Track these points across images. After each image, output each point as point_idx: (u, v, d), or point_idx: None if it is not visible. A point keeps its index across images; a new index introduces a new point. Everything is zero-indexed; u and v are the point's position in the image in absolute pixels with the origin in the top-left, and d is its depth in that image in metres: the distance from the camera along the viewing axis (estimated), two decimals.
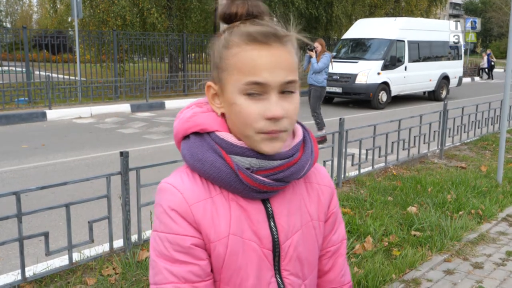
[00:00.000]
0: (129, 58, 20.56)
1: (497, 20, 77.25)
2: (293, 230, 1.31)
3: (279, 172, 1.23)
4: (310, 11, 25.94)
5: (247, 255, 1.24)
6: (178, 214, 1.20)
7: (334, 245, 1.47)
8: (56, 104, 15.24)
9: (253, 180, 1.20)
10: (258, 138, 1.18)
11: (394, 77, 18.02)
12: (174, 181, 1.24)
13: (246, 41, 1.16)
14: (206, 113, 1.27)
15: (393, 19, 19.70)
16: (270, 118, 1.16)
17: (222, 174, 1.20)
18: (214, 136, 1.23)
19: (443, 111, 9.15)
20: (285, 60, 1.18)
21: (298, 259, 1.32)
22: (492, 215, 5.99)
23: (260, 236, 1.25)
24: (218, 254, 1.22)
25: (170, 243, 1.20)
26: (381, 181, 7.25)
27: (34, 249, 5.04)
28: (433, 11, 35.74)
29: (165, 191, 1.24)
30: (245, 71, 1.16)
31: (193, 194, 1.22)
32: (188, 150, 1.24)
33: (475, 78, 33.54)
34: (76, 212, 5.42)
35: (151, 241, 1.25)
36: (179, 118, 1.31)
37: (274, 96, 1.17)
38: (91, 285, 4.10)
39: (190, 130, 1.26)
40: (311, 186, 1.40)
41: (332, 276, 1.49)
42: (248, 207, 1.25)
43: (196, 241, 1.21)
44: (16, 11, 73.35)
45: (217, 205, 1.23)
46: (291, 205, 1.32)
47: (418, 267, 4.61)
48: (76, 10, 16.75)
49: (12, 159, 8.98)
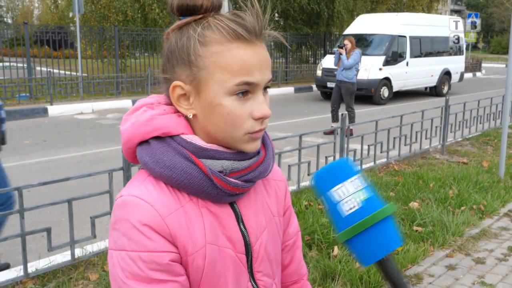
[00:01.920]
0: (131, 54, 20.57)
1: (499, 15, 77.13)
2: (260, 229, 1.27)
3: (249, 173, 1.18)
4: (311, 6, 25.92)
5: (224, 262, 1.18)
6: (151, 229, 1.08)
7: (291, 238, 1.44)
8: (57, 100, 15.25)
9: (227, 184, 1.14)
10: (246, 139, 1.14)
11: (395, 72, 17.99)
12: (139, 192, 1.11)
13: (229, 38, 1.10)
14: (166, 115, 1.16)
15: (394, 15, 19.65)
16: (259, 118, 1.13)
17: (194, 180, 1.11)
18: (179, 140, 1.14)
19: (444, 107, 9.14)
20: (266, 57, 1.14)
21: (268, 258, 1.29)
22: (494, 211, 5.99)
23: (233, 241, 1.20)
24: (197, 267, 1.14)
25: (144, 262, 1.07)
26: (383, 177, 7.25)
27: (37, 245, 5.06)
28: (435, 6, 35.66)
29: (131, 205, 1.10)
30: (233, 71, 1.09)
31: (164, 205, 1.11)
32: (151, 157, 1.13)
33: (477, 73, 33.48)
34: (78, 208, 5.42)
35: (116, 261, 1.10)
36: (130, 121, 1.18)
37: (260, 95, 1.13)
38: (93, 281, 4.11)
39: (150, 134, 1.14)
40: (268, 182, 1.36)
41: (293, 269, 1.47)
42: (218, 212, 1.18)
43: (174, 256, 1.10)
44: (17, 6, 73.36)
45: (189, 214, 1.14)
46: (256, 205, 1.28)
47: (420, 262, 4.61)
48: (77, 6, 16.75)
49: (13, 155, 8.99)
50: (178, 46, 1.14)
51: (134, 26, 19.91)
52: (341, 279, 4.19)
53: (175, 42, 1.15)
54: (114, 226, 1.12)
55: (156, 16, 20.33)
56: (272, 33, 1.17)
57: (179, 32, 1.15)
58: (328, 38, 27.41)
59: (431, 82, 20.17)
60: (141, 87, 17.84)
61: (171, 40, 1.16)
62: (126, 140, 1.18)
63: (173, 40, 1.15)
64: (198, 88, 1.13)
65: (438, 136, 9.19)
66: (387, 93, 17.69)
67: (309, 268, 4.35)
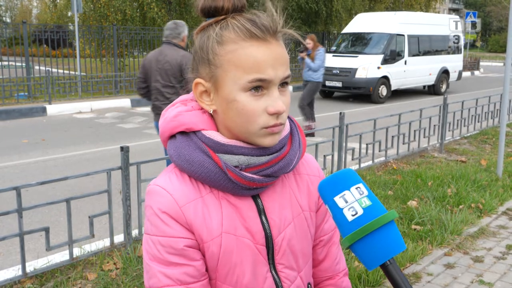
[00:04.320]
0: (129, 53, 20.54)
1: (497, 14, 77.13)
2: (285, 223, 1.30)
3: (267, 168, 1.22)
4: (310, 5, 25.92)
5: (242, 252, 1.24)
6: (169, 216, 1.19)
7: (326, 234, 1.45)
8: (56, 99, 15.23)
9: (242, 178, 1.19)
10: (262, 133, 1.18)
11: (394, 71, 18.00)
12: (163, 182, 1.23)
13: (243, 37, 1.15)
14: (191, 111, 1.24)
15: (393, 13, 19.65)
16: (273, 113, 1.16)
17: (211, 174, 1.19)
18: (200, 135, 1.21)
19: (443, 105, 9.15)
20: (282, 55, 1.18)
21: (291, 252, 1.31)
22: (492, 209, 6.00)
23: (252, 232, 1.25)
24: (212, 253, 1.22)
25: (162, 246, 1.19)
26: (381, 175, 7.26)
27: (35, 244, 5.05)
28: (433, 5, 35.66)
29: (154, 193, 1.22)
30: (246, 68, 1.14)
31: (183, 195, 1.20)
32: (175, 151, 1.23)
33: (475, 72, 33.50)
34: (76, 207, 5.42)
35: (144, 244, 1.24)
36: (164, 117, 1.28)
37: (275, 91, 1.17)
38: (91, 280, 4.10)
39: (175, 129, 1.24)
40: (300, 177, 1.39)
41: (327, 264, 1.48)
42: (239, 204, 1.24)
43: (189, 242, 1.20)
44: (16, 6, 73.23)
45: (208, 204, 1.22)
46: (282, 198, 1.31)
47: (418, 261, 4.62)
48: (76, 5, 16.72)
49: (12, 154, 8.99)
50: (200, 46, 1.22)
51: (133, 25, 19.90)
52: None
53: (198, 43, 1.22)
54: (145, 212, 1.25)
55: (155, 15, 20.31)
56: (288, 31, 1.22)
57: (202, 33, 1.22)
58: (327, 37, 27.43)
59: (430, 81, 20.18)
60: None
61: (196, 41, 1.24)
62: (160, 134, 1.29)
63: (197, 41, 1.23)
64: (216, 85, 1.19)
65: (436, 134, 9.20)
66: (386, 91, 17.70)
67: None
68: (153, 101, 5.72)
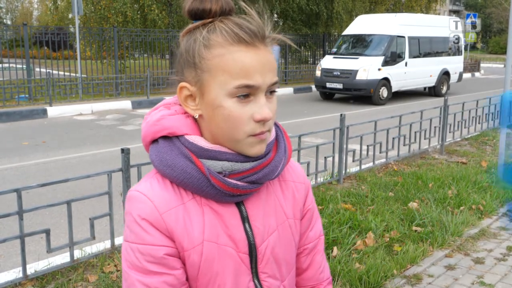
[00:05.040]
0: (130, 55, 20.55)
1: (497, 15, 77.08)
2: (268, 231, 1.27)
3: (252, 174, 1.19)
4: (310, 7, 25.92)
5: (223, 260, 1.20)
6: (149, 223, 1.15)
7: (311, 241, 1.43)
8: (56, 101, 15.23)
9: (225, 185, 1.16)
10: (249, 141, 1.15)
11: (394, 73, 18.00)
12: (143, 188, 1.19)
13: (231, 41, 1.12)
14: (175, 115, 1.21)
15: (393, 15, 19.65)
16: (259, 120, 1.14)
17: (193, 180, 1.15)
18: (183, 140, 1.18)
19: (443, 107, 9.14)
20: (270, 61, 1.16)
21: (275, 260, 1.29)
22: (493, 210, 6.00)
23: (235, 240, 1.22)
24: (193, 262, 1.18)
25: (142, 253, 1.15)
26: (382, 177, 7.25)
27: (35, 246, 5.05)
28: (433, 6, 35.64)
29: (134, 199, 1.18)
30: (233, 73, 1.11)
31: (164, 202, 1.17)
32: (157, 156, 1.19)
33: (476, 73, 33.50)
34: (77, 209, 5.42)
35: (123, 251, 1.20)
36: (146, 120, 1.24)
37: (262, 98, 1.14)
38: (92, 282, 4.10)
39: (158, 134, 1.20)
40: (285, 184, 1.36)
41: (311, 273, 1.46)
42: (221, 211, 1.21)
43: (169, 251, 1.16)
44: (17, 8, 73.30)
45: (189, 211, 1.18)
46: (266, 206, 1.28)
47: (419, 262, 4.61)
48: (76, 7, 16.74)
49: (12, 156, 8.99)
50: (185, 48, 1.18)
51: (134, 27, 19.90)
52: (341, 280, 4.19)
53: (183, 45, 1.19)
54: (125, 218, 1.21)
55: (156, 17, 20.30)
56: (277, 37, 1.19)
57: (189, 36, 1.19)
58: (327, 39, 27.43)
59: (430, 82, 20.17)
60: (140, 88, 17.83)
61: (181, 44, 1.20)
62: (142, 137, 1.25)
63: (183, 44, 1.20)
64: (202, 89, 1.16)
65: (437, 136, 9.20)
66: (386, 93, 17.70)
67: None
68: None
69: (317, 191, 6.41)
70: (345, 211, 5.59)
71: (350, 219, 5.37)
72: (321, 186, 6.70)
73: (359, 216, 5.46)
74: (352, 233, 5.07)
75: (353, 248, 4.77)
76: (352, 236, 4.97)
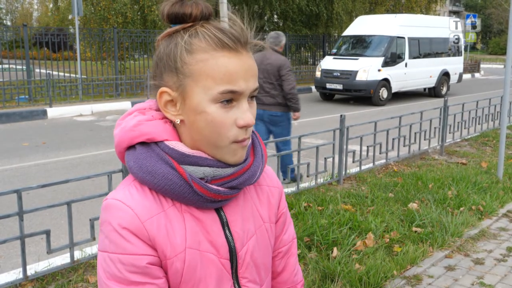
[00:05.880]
0: (130, 56, 20.55)
1: (497, 16, 77.10)
2: (247, 236, 1.27)
3: (233, 180, 1.18)
4: (310, 8, 25.95)
5: (206, 267, 1.19)
6: (130, 232, 1.11)
7: (285, 245, 1.45)
8: (56, 102, 15.25)
9: (208, 190, 1.15)
10: (232, 148, 1.15)
11: (394, 73, 18.01)
12: (122, 196, 1.15)
13: (214, 46, 1.11)
14: (153, 121, 1.18)
15: (393, 16, 19.67)
16: (242, 126, 1.13)
17: (175, 186, 1.13)
18: (163, 146, 1.15)
19: (443, 108, 9.15)
20: (252, 66, 1.15)
21: (254, 265, 1.29)
22: (492, 211, 6.00)
23: (217, 246, 1.21)
24: (176, 270, 1.16)
25: (123, 264, 1.11)
26: (382, 178, 7.26)
27: (36, 247, 5.05)
28: (433, 7, 35.67)
29: (113, 208, 1.13)
30: (217, 79, 1.10)
31: (144, 209, 1.13)
32: (136, 162, 1.15)
33: (475, 74, 33.51)
34: (77, 210, 5.42)
35: (99, 262, 1.15)
36: (120, 126, 1.21)
37: (245, 103, 1.14)
38: (92, 283, 4.11)
39: (135, 140, 1.17)
40: (260, 188, 1.36)
41: (286, 276, 1.47)
42: (202, 218, 1.19)
43: (152, 259, 1.13)
44: (17, 9, 73.30)
45: (170, 218, 1.16)
46: (244, 211, 1.28)
47: (419, 263, 4.61)
48: (76, 8, 16.74)
49: (13, 157, 8.99)
50: (166, 53, 1.16)
51: (134, 28, 19.91)
52: (341, 281, 4.19)
53: (163, 49, 1.17)
54: (100, 228, 1.17)
55: (156, 18, 20.34)
56: (258, 43, 1.19)
57: (168, 40, 1.17)
58: (327, 40, 27.43)
59: (430, 83, 20.18)
60: (140, 89, 17.84)
61: (160, 47, 1.19)
62: (117, 144, 1.21)
63: (162, 48, 1.18)
64: (183, 94, 1.14)
65: (437, 137, 9.21)
66: (386, 94, 17.70)
67: (308, 269, 4.36)
68: None
69: (317, 192, 6.41)
70: (345, 212, 5.59)
71: (350, 220, 5.37)
72: (321, 187, 6.70)
73: (359, 217, 5.46)
74: (352, 234, 5.07)
75: (353, 249, 4.77)
76: (352, 237, 4.97)
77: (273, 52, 6.91)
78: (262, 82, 6.84)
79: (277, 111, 6.92)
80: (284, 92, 6.82)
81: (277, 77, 6.80)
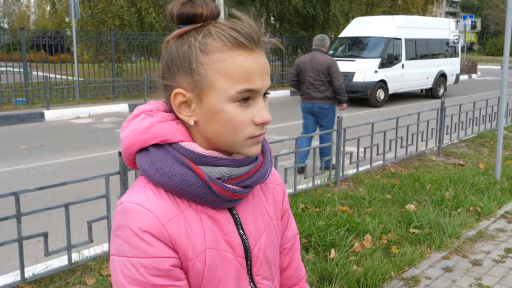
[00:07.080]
0: (127, 58, 20.55)
1: (494, 17, 77.28)
2: (259, 233, 1.29)
3: (247, 179, 1.20)
4: (307, 9, 25.94)
5: (225, 266, 1.20)
6: (152, 235, 1.10)
7: (289, 240, 1.47)
8: (54, 105, 15.24)
9: (225, 190, 1.15)
10: (247, 144, 1.15)
11: (391, 75, 18.02)
12: (139, 199, 1.13)
13: (230, 46, 1.11)
14: (165, 122, 1.17)
15: (390, 17, 19.70)
16: (260, 124, 1.14)
17: (193, 187, 1.13)
18: (178, 147, 1.15)
19: (440, 109, 9.16)
20: (266, 64, 1.16)
21: (266, 261, 1.31)
22: (490, 212, 6.00)
23: (233, 245, 1.22)
24: (197, 271, 1.16)
25: (145, 268, 1.10)
26: (379, 179, 7.26)
27: (33, 249, 5.05)
28: (430, 9, 35.67)
29: (131, 211, 1.12)
30: (235, 78, 1.10)
31: (164, 212, 1.12)
32: (151, 164, 1.14)
33: (472, 75, 33.56)
34: (75, 212, 5.42)
35: (117, 268, 1.13)
36: (129, 129, 1.19)
37: (261, 101, 1.15)
38: (90, 285, 4.10)
39: (149, 142, 1.16)
40: (266, 186, 1.38)
41: (291, 271, 1.49)
42: (218, 217, 1.20)
43: (174, 262, 1.13)
44: (14, 11, 73.29)
45: (189, 219, 1.16)
46: (254, 209, 1.30)
47: (417, 264, 4.62)
48: (73, 10, 16.73)
49: (10, 159, 8.98)
50: (179, 54, 1.15)
51: (131, 30, 19.90)
52: (338, 282, 4.19)
53: (175, 50, 1.15)
54: (115, 232, 1.14)
55: (153, 20, 20.30)
56: (270, 40, 1.19)
57: (180, 40, 1.16)
58: None
59: (427, 84, 20.21)
60: (137, 91, 17.84)
61: (171, 48, 1.17)
62: (126, 147, 1.20)
63: (174, 48, 1.16)
64: (200, 95, 1.14)
65: (434, 138, 9.22)
66: (383, 95, 17.72)
67: (306, 271, 4.36)
68: (305, 90, 8.07)
69: (314, 194, 6.42)
70: (343, 214, 5.59)
71: (348, 221, 5.38)
72: (319, 189, 6.70)
73: (356, 218, 5.46)
74: (349, 235, 5.08)
75: (351, 250, 4.77)
76: (349, 238, 4.97)
77: (320, 53, 7.96)
78: (312, 80, 7.91)
79: (326, 104, 8.00)
80: (334, 87, 7.89)
81: (326, 74, 7.83)
